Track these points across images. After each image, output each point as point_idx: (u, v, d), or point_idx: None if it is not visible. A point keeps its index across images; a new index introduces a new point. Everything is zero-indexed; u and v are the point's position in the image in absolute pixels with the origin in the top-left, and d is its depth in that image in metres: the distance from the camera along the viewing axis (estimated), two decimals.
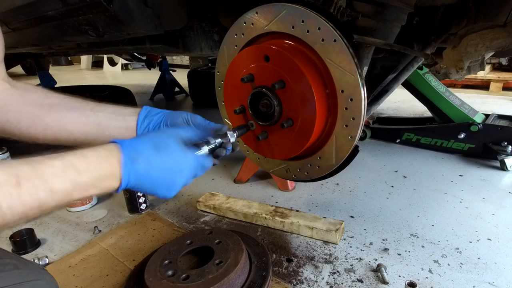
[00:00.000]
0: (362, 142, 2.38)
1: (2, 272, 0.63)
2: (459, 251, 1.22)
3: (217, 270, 0.96)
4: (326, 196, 1.66)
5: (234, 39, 0.97)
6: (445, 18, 1.22)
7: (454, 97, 2.23)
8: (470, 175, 1.84)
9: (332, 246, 1.27)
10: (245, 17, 0.91)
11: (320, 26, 0.78)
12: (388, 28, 1.02)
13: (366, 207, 1.55)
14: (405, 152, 2.21)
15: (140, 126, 0.84)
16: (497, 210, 1.49)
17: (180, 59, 7.43)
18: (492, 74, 4.06)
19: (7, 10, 1.43)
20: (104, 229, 1.47)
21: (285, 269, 1.16)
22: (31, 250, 1.35)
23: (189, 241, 1.13)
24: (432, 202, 1.57)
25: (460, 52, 1.02)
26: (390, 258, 1.20)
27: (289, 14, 0.82)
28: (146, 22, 1.20)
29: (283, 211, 1.43)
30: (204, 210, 1.57)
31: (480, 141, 2.03)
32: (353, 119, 0.80)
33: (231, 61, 0.94)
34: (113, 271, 1.17)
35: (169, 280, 0.94)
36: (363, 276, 1.12)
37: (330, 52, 0.78)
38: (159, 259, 1.04)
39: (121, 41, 1.83)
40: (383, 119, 2.68)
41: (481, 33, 0.97)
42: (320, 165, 0.92)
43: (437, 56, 1.24)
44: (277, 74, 0.83)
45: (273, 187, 1.77)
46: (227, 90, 0.98)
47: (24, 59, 4.11)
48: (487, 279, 1.08)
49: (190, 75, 4.03)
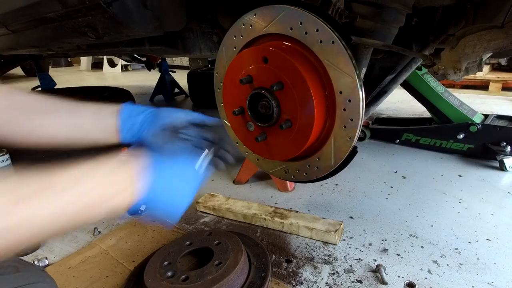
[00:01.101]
0: (361, 143, 2.38)
1: (2, 275, 0.63)
2: (458, 252, 1.23)
3: (216, 271, 0.96)
4: (326, 197, 1.67)
5: (233, 40, 0.97)
6: (443, 19, 1.22)
7: (453, 97, 2.24)
8: (469, 176, 1.84)
9: (332, 247, 1.28)
10: (244, 19, 0.92)
11: (318, 28, 0.78)
12: (386, 29, 1.03)
13: (366, 208, 1.55)
14: (405, 153, 2.22)
15: (122, 127, 0.79)
16: (496, 210, 1.49)
17: (180, 60, 7.43)
18: (491, 74, 4.07)
19: (7, 12, 1.43)
20: (103, 230, 1.47)
21: (285, 270, 1.16)
22: (31, 251, 1.35)
23: (189, 242, 1.13)
24: (431, 203, 1.57)
25: (458, 53, 1.02)
26: (389, 259, 1.20)
27: (287, 16, 0.82)
28: (146, 24, 1.21)
29: (283, 212, 1.44)
30: (203, 211, 1.57)
31: (479, 142, 2.03)
32: (351, 120, 0.81)
33: (230, 63, 0.95)
34: (112, 272, 1.17)
35: (169, 281, 0.94)
36: (363, 276, 1.12)
37: (328, 53, 0.78)
38: (159, 260, 1.04)
39: (120, 42, 1.83)
40: (383, 119, 2.68)
41: (479, 34, 0.97)
42: (319, 166, 0.92)
43: (435, 57, 1.24)
44: (275, 76, 0.83)
45: (272, 188, 1.78)
46: (226, 91, 0.98)
47: (24, 61, 4.12)
48: (486, 279, 1.09)
49: (190, 76, 4.04)
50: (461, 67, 1.05)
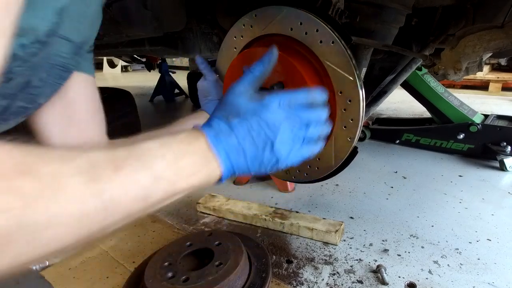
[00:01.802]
0: (361, 143, 2.38)
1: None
2: (459, 252, 1.22)
3: (217, 272, 0.96)
4: (326, 197, 1.66)
5: (233, 41, 0.97)
6: (443, 19, 1.22)
7: (453, 97, 2.24)
8: (470, 176, 1.84)
9: (332, 247, 1.27)
10: (244, 20, 0.92)
11: (318, 28, 0.78)
12: (386, 30, 1.03)
13: (366, 208, 1.55)
14: (405, 153, 2.21)
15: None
16: (496, 210, 1.49)
17: (180, 61, 7.43)
18: (491, 74, 4.07)
19: None
20: None
21: (285, 271, 1.16)
22: None
23: (189, 243, 1.13)
24: (432, 203, 1.57)
25: (458, 53, 1.02)
26: (390, 259, 1.20)
27: (287, 16, 0.82)
28: (145, 25, 1.21)
29: (283, 213, 1.44)
30: (204, 211, 1.57)
31: (479, 142, 2.03)
32: (351, 120, 0.81)
33: (230, 63, 0.95)
34: (113, 273, 1.17)
35: (169, 282, 0.94)
36: (363, 277, 1.12)
37: (328, 53, 0.79)
38: (159, 261, 1.04)
39: (120, 43, 1.83)
40: (383, 120, 2.68)
41: (479, 34, 0.97)
42: (320, 166, 0.92)
43: (435, 57, 1.24)
44: (275, 76, 0.83)
45: (272, 189, 1.78)
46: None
47: None
48: (487, 280, 1.09)
49: (190, 76, 4.04)
50: (461, 67, 1.05)
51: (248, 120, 0.55)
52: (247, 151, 0.55)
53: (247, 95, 0.59)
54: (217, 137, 0.53)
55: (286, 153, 0.58)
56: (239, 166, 0.55)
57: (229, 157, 0.53)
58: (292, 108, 0.59)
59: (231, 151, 0.53)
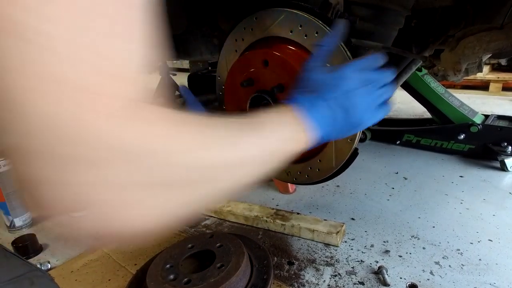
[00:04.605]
0: (362, 144, 2.38)
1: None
2: (460, 253, 1.22)
3: (218, 274, 0.96)
4: (327, 198, 1.67)
5: (234, 44, 0.98)
6: (443, 21, 1.22)
7: (453, 98, 2.24)
8: (471, 176, 1.84)
9: (333, 249, 1.28)
10: (245, 23, 0.92)
11: (317, 31, 0.79)
12: (386, 31, 1.03)
13: (367, 209, 1.55)
14: (406, 154, 2.21)
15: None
16: (497, 211, 1.49)
17: (180, 63, 7.44)
18: (492, 74, 4.06)
19: None
20: None
21: (287, 272, 1.16)
22: (34, 255, 1.35)
23: (191, 245, 1.13)
24: (433, 204, 1.57)
25: (457, 54, 1.03)
26: (391, 260, 1.20)
27: (287, 19, 0.83)
28: None
29: (284, 214, 1.44)
30: (205, 213, 1.58)
31: (480, 142, 2.03)
32: None
33: (231, 66, 0.95)
34: (115, 276, 1.17)
35: (171, 284, 0.94)
36: (364, 278, 1.12)
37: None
38: (161, 263, 1.04)
39: None
40: (383, 120, 2.68)
41: (478, 36, 0.98)
42: (321, 168, 0.92)
43: (435, 58, 1.25)
44: (276, 78, 0.84)
45: (273, 190, 1.78)
46: (227, 94, 0.99)
47: None
48: (489, 280, 1.08)
49: (190, 78, 4.05)
50: (461, 68, 1.05)
51: (331, 91, 0.61)
52: (336, 119, 0.61)
53: (322, 69, 0.64)
54: (309, 110, 0.58)
55: (367, 116, 0.65)
56: (328, 134, 0.61)
57: (320, 125, 0.59)
58: (364, 73, 0.64)
59: (322, 120, 0.59)
